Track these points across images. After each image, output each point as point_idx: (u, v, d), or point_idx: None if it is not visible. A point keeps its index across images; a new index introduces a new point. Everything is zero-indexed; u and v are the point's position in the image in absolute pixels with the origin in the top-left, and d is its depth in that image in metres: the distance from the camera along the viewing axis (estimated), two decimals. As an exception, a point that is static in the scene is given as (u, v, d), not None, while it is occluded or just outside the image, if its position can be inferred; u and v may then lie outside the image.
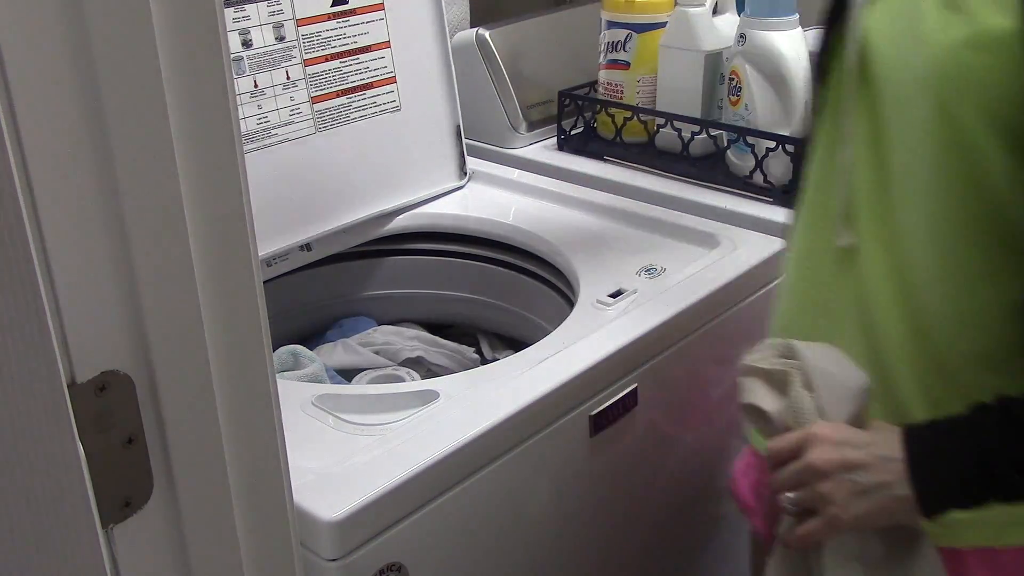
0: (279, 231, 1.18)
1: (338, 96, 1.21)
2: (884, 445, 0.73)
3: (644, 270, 1.12)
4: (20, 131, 0.39)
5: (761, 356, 0.83)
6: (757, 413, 0.81)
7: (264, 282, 0.52)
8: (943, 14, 0.69)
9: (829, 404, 0.76)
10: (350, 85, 1.22)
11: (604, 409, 0.98)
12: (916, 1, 0.72)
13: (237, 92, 1.08)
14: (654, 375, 1.02)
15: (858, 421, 0.77)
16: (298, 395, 0.91)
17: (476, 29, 1.50)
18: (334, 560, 0.77)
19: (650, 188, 1.35)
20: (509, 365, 0.96)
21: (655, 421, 1.05)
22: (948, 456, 0.71)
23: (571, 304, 1.10)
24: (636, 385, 1.01)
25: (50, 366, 0.41)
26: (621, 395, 1.00)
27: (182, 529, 0.51)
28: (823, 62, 0.82)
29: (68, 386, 0.43)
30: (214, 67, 0.46)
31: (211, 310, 0.48)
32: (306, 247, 1.22)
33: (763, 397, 0.80)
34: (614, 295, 1.07)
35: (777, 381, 0.80)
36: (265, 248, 1.14)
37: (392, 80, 1.27)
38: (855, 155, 0.78)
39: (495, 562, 0.93)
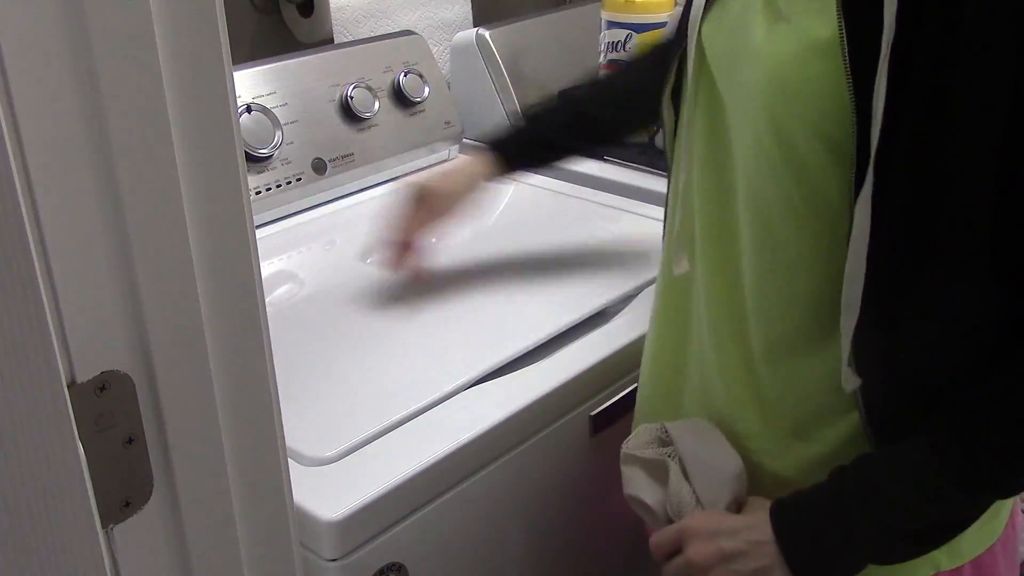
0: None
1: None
2: (756, 529, 0.72)
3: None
4: (20, 131, 0.39)
5: (638, 443, 0.82)
6: (640, 504, 0.81)
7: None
8: (772, 27, 0.67)
9: (707, 492, 0.76)
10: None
11: (604, 409, 0.98)
12: (745, 17, 0.70)
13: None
14: (654, 375, 1.02)
15: (737, 504, 0.77)
16: (298, 395, 0.91)
17: (476, 29, 1.50)
18: (334, 560, 0.77)
19: (650, 188, 1.35)
20: (510, 365, 0.96)
21: (655, 421, 1.05)
22: (815, 531, 0.71)
23: (571, 304, 1.10)
24: (636, 385, 1.01)
25: (50, 366, 0.41)
26: (621, 395, 1.00)
27: (182, 529, 0.51)
28: (676, 89, 0.81)
29: (68, 386, 0.43)
30: (214, 67, 0.46)
31: (211, 310, 0.48)
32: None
33: (644, 488, 0.80)
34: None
35: (656, 470, 0.80)
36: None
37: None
38: (700, 179, 0.78)
39: (495, 562, 0.93)
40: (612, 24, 1.42)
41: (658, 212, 1.27)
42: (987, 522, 0.76)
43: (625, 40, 1.41)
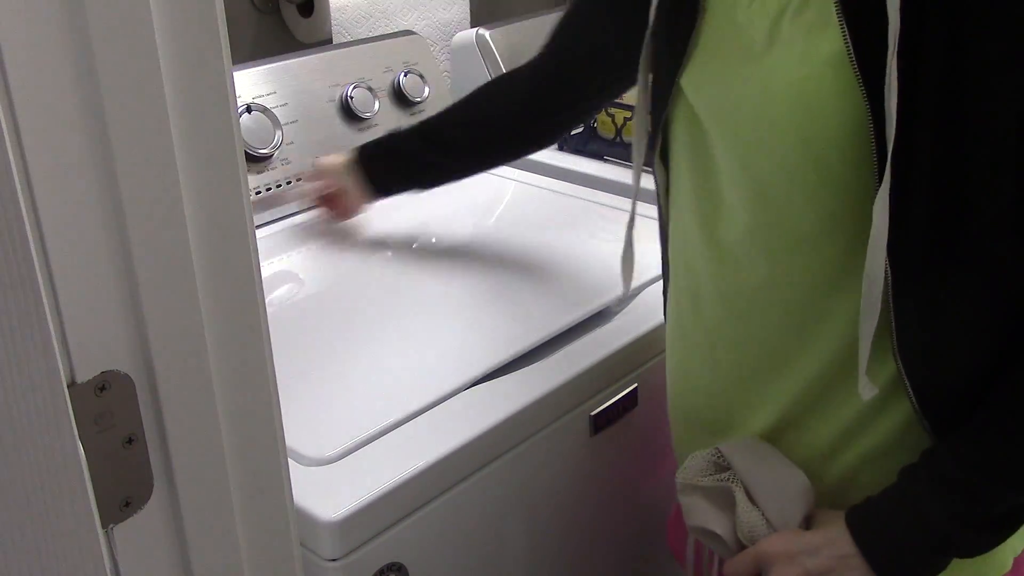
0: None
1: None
2: (838, 544, 0.72)
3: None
4: (20, 131, 0.39)
5: (696, 471, 0.80)
6: (708, 534, 0.79)
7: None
8: (772, 56, 0.68)
9: (777, 514, 0.75)
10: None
11: (604, 409, 0.98)
12: (733, 58, 0.71)
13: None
14: (654, 375, 1.02)
15: (807, 521, 0.75)
16: (298, 395, 0.91)
17: (476, 29, 1.50)
18: (334, 560, 0.77)
19: (651, 188, 1.34)
20: (510, 365, 0.96)
21: (655, 421, 1.05)
22: (898, 537, 0.71)
23: (571, 304, 1.10)
24: (636, 385, 1.01)
25: (50, 366, 0.41)
26: (621, 395, 1.00)
27: (182, 529, 0.51)
28: (662, 142, 0.82)
29: (68, 386, 0.43)
30: (214, 67, 0.46)
31: (211, 310, 0.48)
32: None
33: (711, 518, 0.78)
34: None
35: (719, 497, 0.78)
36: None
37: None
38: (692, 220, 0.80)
39: (495, 562, 0.93)
40: (612, 24, 1.42)
41: (656, 211, 1.27)
42: None
43: (625, 40, 1.41)
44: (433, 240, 1.23)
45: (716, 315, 0.79)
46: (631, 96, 1.43)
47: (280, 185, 1.27)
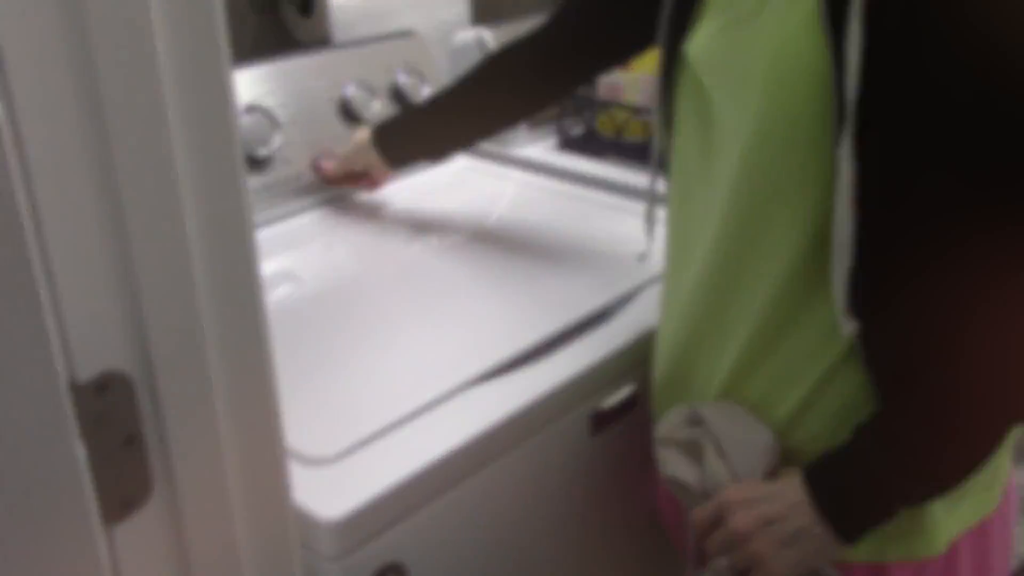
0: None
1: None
2: (791, 492, 0.76)
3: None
4: (20, 131, 0.39)
5: (672, 426, 0.86)
6: (678, 484, 0.84)
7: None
8: (758, 22, 0.72)
9: (741, 466, 0.80)
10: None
11: (604, 409, 0.98)
12: (728, 25, 0.75)
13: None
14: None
15: (771, 476, 0.80)
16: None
17: (476, 29, 1.50)
18: (334, 560, 0.77)
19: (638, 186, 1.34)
20: (510, 365, 0.96)
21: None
22: (846, 487, 0.74)
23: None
24: (636, 385, 1.01)
25: (50, 366, 0.41)
26: (621, 395, 1.00)
27: (182, 529, 0.51)
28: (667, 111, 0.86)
29: (68, 386, 0.43)
30: (214, 67, 0.46)
31: (211, 310, 0.48)
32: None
33: (681, 468, 0.84)
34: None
35: (691, 450, 0.83)
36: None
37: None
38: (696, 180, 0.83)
39: (495, 562, 0.93)
40: (612, 24, 1.42)
41: (656, 212, 1.27)
42: (988, 488, 0.81)
43: (625, 40, 1.41)
44: (433, 240, 1.23)
45: (702, 269, 0.83)
46: (630, 97, 1.43)
47: (280, 185, 1.27)
